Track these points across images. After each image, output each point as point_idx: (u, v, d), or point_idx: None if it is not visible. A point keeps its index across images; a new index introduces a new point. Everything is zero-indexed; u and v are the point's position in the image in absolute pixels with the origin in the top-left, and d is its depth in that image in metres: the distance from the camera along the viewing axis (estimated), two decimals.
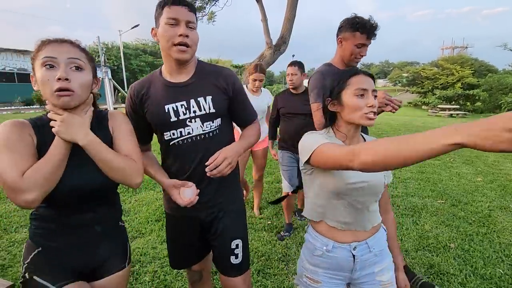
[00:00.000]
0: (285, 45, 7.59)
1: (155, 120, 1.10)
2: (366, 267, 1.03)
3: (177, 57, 1.02)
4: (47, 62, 0.81)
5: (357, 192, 0.98)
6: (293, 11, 7.37)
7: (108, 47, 41.50)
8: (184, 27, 0.99)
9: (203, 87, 1.10)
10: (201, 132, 1.10)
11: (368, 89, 0.95)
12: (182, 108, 1.07)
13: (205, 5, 9.66)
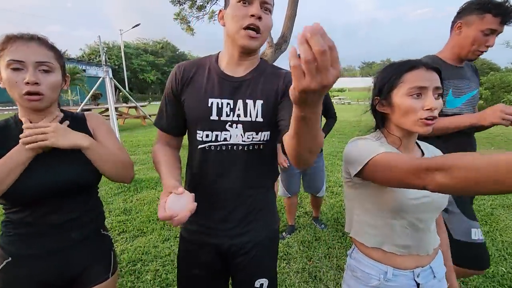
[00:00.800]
0: (286, 43, 7.58)
1: (193, 113, 0.90)
2: None
3: (243, 43, 0.83)
4: (12, 65, 0.78)
5: (420, 209, 0.82)
6: (294, 9, 7.35)
7: (109, 47, 41.54)
8: (257, 7, 0.81)
9: (257, 87, 0.89)
10: (239, 142, 0.89)
11: (428, 87, 0.77)
12: (227, 107, 0.87)
13: (206, 4, 9.65)
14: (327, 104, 2.44)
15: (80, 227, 0.94)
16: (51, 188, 0.85)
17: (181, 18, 9.80)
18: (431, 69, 0.79)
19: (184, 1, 9.45)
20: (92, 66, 32.40)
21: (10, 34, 0.80)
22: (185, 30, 10.11)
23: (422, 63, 0.80)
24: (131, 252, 2.28)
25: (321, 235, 2.58)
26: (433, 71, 0.79)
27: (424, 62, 0.80)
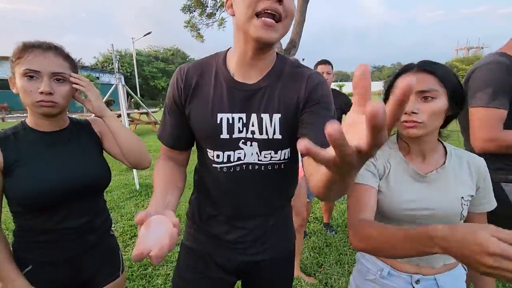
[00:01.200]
0: (295, 49, 7.61)
1: (200, 131, 0.77)
2: None
3: (259, 35, 0.63)
4: (28, 74, 0.80)
5: (420, 221, 0.79)
6: (302, 15, 7.39)
7: (122, 55, 42.63)
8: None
9: (273, 97, 0.73)
10: (255, 162, 0.76)
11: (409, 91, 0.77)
12: (239, 122, 0.73)
13: (216, 11, 9.81)
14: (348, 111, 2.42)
15: (93, 230, 0.96)
16: (69, 191, 0.87)
17: (191, 25, 9.99)
18: (421, 71, 0.76)
19: (194, 9, 9.64)
20: (105, 74, 33.28)
21: (27, 43, 0.83)
22: (195, 37, 10.29)
23: (412, 66, 0.78)
24: None
25: (332, 241, 2.54)
26: (423, 72, 0.76)
27: (416, 65, 0.78)
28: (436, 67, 0.76)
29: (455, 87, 0.75)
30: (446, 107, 0.75)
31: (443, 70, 0.75)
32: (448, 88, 0.74)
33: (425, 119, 0.74)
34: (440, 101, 0.74)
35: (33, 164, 0.84)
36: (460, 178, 0.79)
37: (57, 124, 0.91)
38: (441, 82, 0.74)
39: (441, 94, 0.74)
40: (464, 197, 0.78)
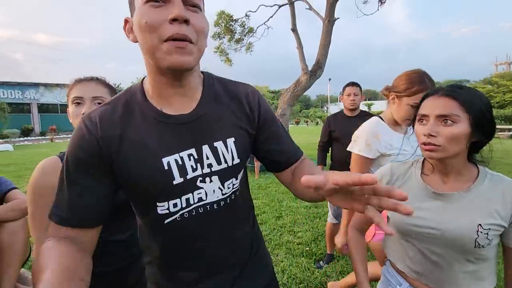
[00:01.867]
0: (321, 70, 7.69)
1: (143, 186, 0.61)
2: None
3: (171, 62, 0.54)
4: (75, 101, 0.95)
5: (428, 239, 0.80)
6: (328, 37, 7.52)
7: None
8: (179, 4, 0.53)
9: (220, 121, 0.66)
10: (219, 198, 0.66)
11: (429, 114, 0.78)
12: (190, 160, 0.62)
13: (243, 37, 10.31)
14: None
15: (137, 243, 1.04)
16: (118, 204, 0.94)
17: (220, 51, 10.54)
18: (444, 95, 0.77)
19: (223, 35, 10.21)
20: None
21: (77, 78, 1.00)
22: (224, 61, 10.80)
23: (437, 90, 0.80)
24: None
25: None
26: (446, 97, 0.76)
27: (440, 89, 0.80)
28: (461, 92, 0.76)
29: (480, 113, 0.75)
30: (468, 132, 0.75)
31: (467, 96, 0.75)
32: (471, 114, 0.74)
33: (443, 142, 0.75)
34: (460, 126, 0.74)
35: None
36: (485, 205, 0.76)
37: None
38: (463, 107, 0.74)
39: (462, 119, 0.74)
40: (482, 225, 0.74)
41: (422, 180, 0.85)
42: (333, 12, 7.38)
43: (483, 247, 0.75)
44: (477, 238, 0.74)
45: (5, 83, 24.64)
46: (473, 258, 0.77)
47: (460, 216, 0.77)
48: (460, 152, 0.78)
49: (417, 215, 0.81)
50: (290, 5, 8.17)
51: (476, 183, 0.79)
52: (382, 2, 8.48)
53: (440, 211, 0.80)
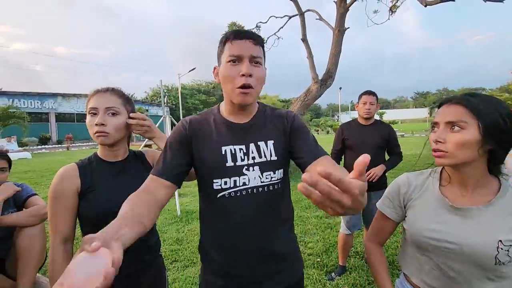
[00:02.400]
0: (331, 79, 7.69)
1: (207, 163, 0.89)
2: None
3: (239, 101, 0.85)
4: (91, 111, 0.99)
5: (445, 254, 0.78)
6: (338, 47, 7.54)
7: (168, 89, 46.55)
8: (247, 64, 0.83)
9: (264, 129, 0.93)
10: (258, 184, 0.88)
11: (440, 122, 0.79)
12: (240, 152, 0.89)
13: None
14: (391, 142, 2.39)
15: (148, 250, 1.07)
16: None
17: None
18: (455, 103, 0.77)
19: None
20: (153, 106, 36.51)
21: (95, 89, 1.03)
22: None
23: (449, 98, 0.81)
24: (182, 281, 2.37)
25: None
26: (455, 105, 0.77)
27: (452, 97, 0.80)
28: (471, 99, 0.75)
29: (492, 120, 0.73)
30: (478, 139, 0.73)
31: (478, 103, 0.74)
32: (481, 121, 0.73)
33: (451, 149, 0.75)
34: (468, 133, 0.73)
35: (101, 189, 0.99)
36: (506, 220, 0.74)
37: (119, 155, 1.07)
38: (473, 114, 0.73)
39: (471, 125, 0.73)
40: (503, 241, 0.72)
41: (439, 192, 0.84)
42: (343, 22, 7.42)
43: (504, 264, 0.71)
44: (497, 255, 0.71)
45: (26, 93, 25.73)
46: (494, 276, 0.74)
47: (479, 231, 0.75)
48: (472, 160, 0.76)
49: (434, 228, 0.79)
50: (300, 16, 8.27)
51: (497, 197, 0.76)
52: (393, 11, 8.47)
53: (459, 226, 0.78)
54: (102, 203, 0.96)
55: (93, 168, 1.02)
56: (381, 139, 2.33)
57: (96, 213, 0.96)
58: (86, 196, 0.97)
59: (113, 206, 0.95)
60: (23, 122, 18.14)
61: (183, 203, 4.77)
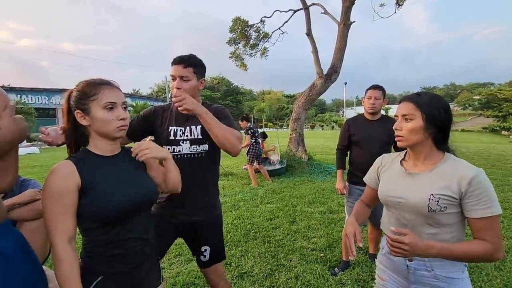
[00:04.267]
0: (336, 74, 7.62)
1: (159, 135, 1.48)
2: (424, 285, 1.05)
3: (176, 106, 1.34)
4: (109, 106, 0.96)
5: (398, 207, 1.08)
6: (343, 41, 7.45)
7: None
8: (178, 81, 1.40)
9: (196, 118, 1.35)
10: (188, 153, 1.43)
11: (398, 115, 1.08)
12: (180, 131, 1.44)
13: (259, 42, 10.38)
14: None
15: (148, 242, 1.09)
16: (131, 204, 1.00)
17: (235, 56, 10.67)
18: (406, 100, 1.05)
19: (239, 41, 10.34)
20: (158, 102, 36.69)
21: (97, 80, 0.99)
22: (239, 66, 10.91)
23: (404, 97, 1.08)
24: (185, 275, 2.40)
25: None
26: (406, 101, 1.05)
27: (405, 96, 1.08)
28: (417, 97, 1.04)
29: (432, 112, 0.99)
30: (422, 126, 1.00)
31: (422, 100, 1.02)
32: (424, 113, 0.99)
33: (405, 134, 1.03)
34: (416, 122, 1.01)
35: (101, 185, 0.97)
36: (439, 181, 0.99)
37: (116, 148, 1.06)
38: (419, 108, 1.00)
39: (418, 116, 1.00)
40: (434, 194, 0.98)
41: (400, 164, 1.14)
42: (349, 16, 7.31)
43: (435, 212, 0.98)
44: (429, 204, 0.98)
45: (33, 89, 26.01)
46: (432, 222, 1.01)
47: (419, 189, 1.02)
48: (421, 141, 1.02)
49: (392, 189, 1.11)
50: (305, 10, 8.17)
51: (437, 165, 1.03)
52: (400, 5, 8.32)
53: (408, 186, 1.06)
54: (105, 199, 0.95)
55: (89, 163, 0.99)
56: (387, 135, 2.21)
57: (98, 208, 0.94)
58: (86, 193, 0.94)
59: (116, 201, 0.97)
60: (31, 117, 18.40)
61: None
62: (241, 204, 4.41)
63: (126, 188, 1.01)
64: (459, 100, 52.69)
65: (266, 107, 48.79)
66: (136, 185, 1.04)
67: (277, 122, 49.63)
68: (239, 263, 2.60)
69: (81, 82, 1.00)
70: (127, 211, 0.99)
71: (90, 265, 0.97)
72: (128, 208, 0.99)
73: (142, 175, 1.11)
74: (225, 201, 4.60)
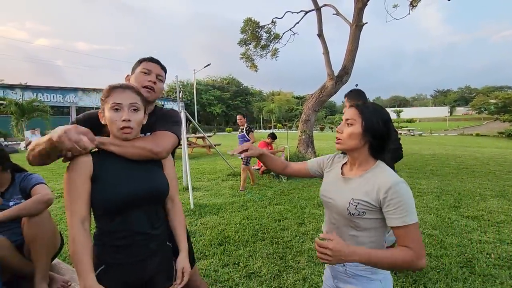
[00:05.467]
0: (348, 75, 7.55)
1: None
2: (340, 281, 1.14)
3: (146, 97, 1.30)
4: (114, 107, 1.03)
5: (329, 207, 1.16)
6: (355, 43, 7.38)
7: (184, 84, 47.00)
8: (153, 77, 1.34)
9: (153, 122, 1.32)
10: None
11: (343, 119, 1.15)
12: None
13: (269, 43, 10.39)
14: None
15: (156, 237, 1.10)
16: (138, 196, 1.04)
17: (246, 57, 10.71)
18: (352, 107, 1.09)
19: (250, 42, 10.38)
20: (169, 102, 37.10)
21: (113, 85, 1.08)
22: (250, 67, 10.95)
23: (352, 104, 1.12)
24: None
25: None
26: (353, 108, 1.09)
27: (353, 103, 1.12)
28: (362, 105, 1.08)
29: (371, 121, 1.03)
30: (360, 133, 1.04)
31: (367, 108, 1.06)
32: (363, 120, 1.04)
33: (344, 137, 1.08)
34: (355, 128, 1.05)
35: (111, 175, 1.04)
36: (362, 186, 1.05)
37: None
38: (360, 115, 1.05)
39: (358, 123, 1.05)
40: (354, 199, 1.04)
41: (339, 167, 1.20)
42: (361, 17, 7.25)
43: (354, 215, 1.04)
44: (348, 207, 1.05)
45: (49, 87, 26.77)
46: (353, 225, 1.06)
47: (346, 192, 1.08)
48: (357, 147, 1.07)
49: (326, 190, 1.18)
50: (316, 11, 8.13)
51: (367, 172, 1.07)
52: (414, 6, 8.19)
53: (339, 188, 1.12)
54: (110, 188, 1.01)
55: (104, 157, 1.06)
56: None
57: (105, 197, 1.00)
58: (96, 182, 1.01)
59: (119, 191, 1.02)
60: (46, 115, 18.90)
61: (197, 196, 4.85)
62: (250, 205, 4.42)
63: (132, 182, 1.06)
64: (474, 104, 51.36)
65: (275, 108, 48.66)
66: (146, 180, 1.09)
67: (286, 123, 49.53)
68: (247, 263, 2.61)
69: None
70: (129, 203, 1.03)
71: (96, 253, 1.02)
72: (129, 201, 1.03)
73: (156, 172, 1.15)
74: (234, 201, 4.62)
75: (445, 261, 2.61)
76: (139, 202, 1.05)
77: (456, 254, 2.76)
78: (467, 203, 4.44)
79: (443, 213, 3.97)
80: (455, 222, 3.62)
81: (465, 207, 4.23)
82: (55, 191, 5.17)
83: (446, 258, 2.66)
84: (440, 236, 3.17)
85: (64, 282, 1.75)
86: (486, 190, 5.29)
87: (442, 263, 2.59)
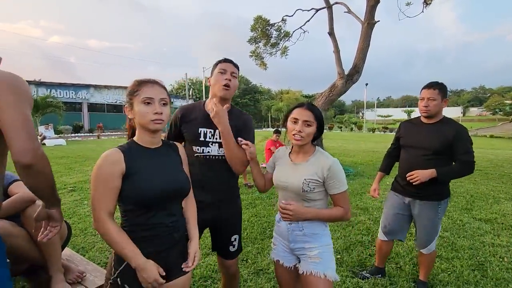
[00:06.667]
0: (358, 74, 7.46)
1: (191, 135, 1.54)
2: (298, 242, 1.43)
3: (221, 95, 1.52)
4: (146, 101, 1.08)
5: (282, 189, 1.45)
6: (366, 41, 7.28)
7: (193, 82, 47.38)
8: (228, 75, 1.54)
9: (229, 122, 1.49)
10: (216, 154, 1.53)
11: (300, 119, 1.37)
12: (210, 133, 1.53)
13: (279, 41, 10.35)
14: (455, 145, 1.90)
15: (178, 229, 1.17)
16: (167, 192, 1.11)
17: (255, 55, 10.68)
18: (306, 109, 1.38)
19: (259, 40, 10.35)
20: (178, 99, 37.47)
21: (140, 80, 1.13)
22: (259, 65, 10.92)
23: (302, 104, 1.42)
24: (203, 268, 2.46)
25: None
26: (308, 110, 1.37)
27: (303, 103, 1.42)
28: (314, 108, 1.40)
29: (321, 122, 1.39)
30: (315, 131, 1.38)
31: (317, 111, 1.39)
32: (317, 121, 1.37)
33: (305, 136, 1.36)
34: (313, 127, 1.37)
35: (143, 172, 1.09)
36: (309, 168, 1.38)
37: (156, 142, 1.19)
38: (315, 118, 1.37)
39: (314, 123, 1.37)
40: (306, 179, 1.36)
41: (288, 155, 1.51)
42: (373, 15, 7.13)
43: (307, 191, 1.36)
44: (302, 186, 1.36)
45: (62, 84, 27.33)
46: (306, 199, 1.39)
47: (297, 175, 1.39)
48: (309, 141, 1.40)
49: (280, 175, 1.47)
50: (328, 9, 8.05)
51: (311, 157, 1.42)
52: (428, 4, 8.01)
53: (291, 172, 1.43)
54: (144, 184, 1.07)
55: (134, 153, 1.12)
56: (440, 143, 1.92)
57: (139, 193, 1.06)
58: (129, 179, 1.06)
59: (153, 187, 1.08)
60: (59, 111, 19.30)
61: None
62: (258, 202, 4.44)
63: (163, 177, 1.12)
64: (489, 104, 50.06)
65: (284, 106, 48.52)
66: (171, 176, 1.16)
67: None
68: (256, 260, 2.63)
69: (131, 82, 1.15)
70: (162, 197, 1.10)
71: None
72: (162, 195, 1.10)
73: (178, 169, 1.22)
74: (242, 198, 4.63)
75: (456, 263, 2.58)
76: (168, 196, 1.12)
77: (468, 256, 2.72)
78: (480, 206, 4.35)
79: (455, 215, 3.91)
80: (467, 224, 3.56)
81: (477, 210, 4.16)
82: (68, 185, 5.31)
83: (457, 261, 2.63)
84: (452, 238, 3.13)
85: (80, 272, 1.79)
86: (499, 192, 5.18)
87: (453, 265, 2.56)
